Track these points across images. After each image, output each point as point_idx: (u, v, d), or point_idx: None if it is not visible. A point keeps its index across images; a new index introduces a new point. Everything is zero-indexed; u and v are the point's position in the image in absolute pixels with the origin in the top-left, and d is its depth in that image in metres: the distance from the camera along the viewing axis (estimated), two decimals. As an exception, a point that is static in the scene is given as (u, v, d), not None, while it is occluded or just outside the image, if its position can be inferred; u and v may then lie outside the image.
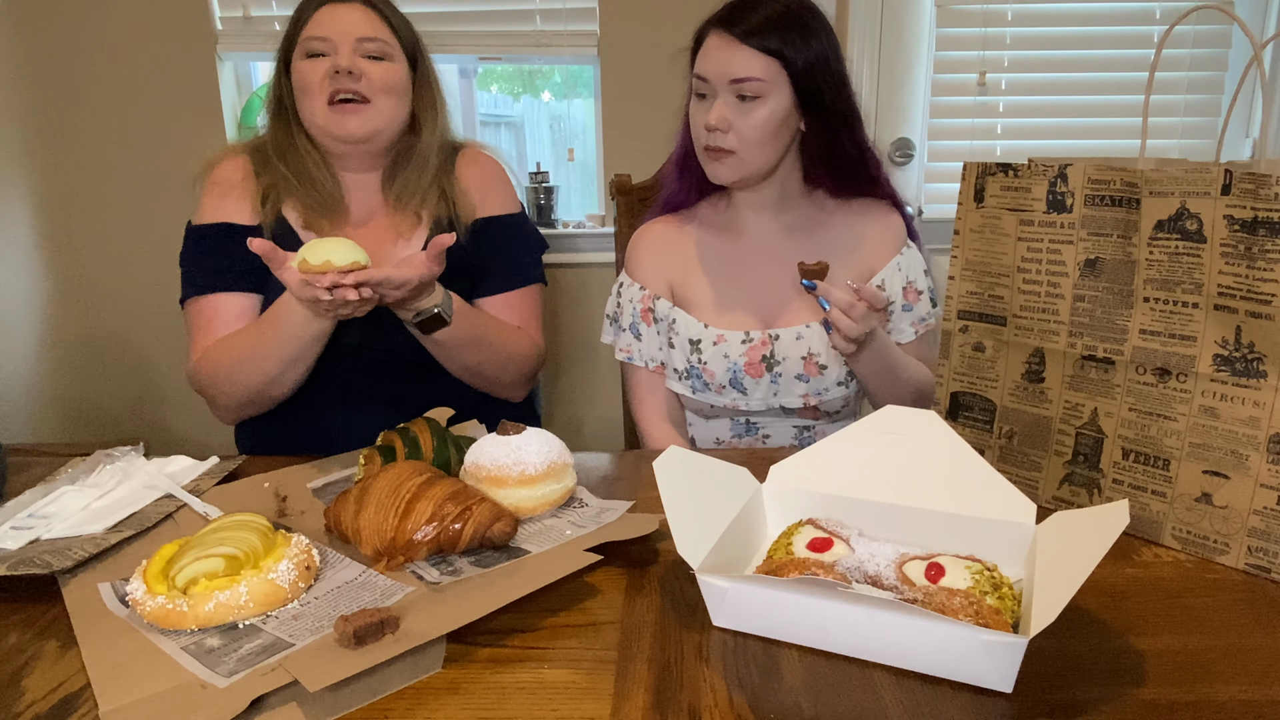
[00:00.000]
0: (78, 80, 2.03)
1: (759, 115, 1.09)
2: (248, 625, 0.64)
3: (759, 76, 1.07)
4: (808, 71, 1.08)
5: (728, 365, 1.16)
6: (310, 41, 1.12)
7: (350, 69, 1.10)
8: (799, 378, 1.15)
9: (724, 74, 1.09)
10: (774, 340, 1.16)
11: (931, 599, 0.60)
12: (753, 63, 1.07)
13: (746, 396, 1.17)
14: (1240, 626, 0.64)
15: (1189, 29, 1.97)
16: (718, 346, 1.16)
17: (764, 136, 1.10)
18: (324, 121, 1.13)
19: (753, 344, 1.16)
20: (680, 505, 0.67)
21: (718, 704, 0.55)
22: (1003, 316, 0.85)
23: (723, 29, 1.09)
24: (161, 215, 2.08)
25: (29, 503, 0.85)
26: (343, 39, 1.11)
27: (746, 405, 1.18)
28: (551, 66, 2.22)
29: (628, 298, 1.24)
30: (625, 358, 1.24)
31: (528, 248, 1.28)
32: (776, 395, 1.16)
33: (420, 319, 1.04)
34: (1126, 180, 0.75)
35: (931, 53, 2.01)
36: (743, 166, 1.12)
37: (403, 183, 1.19)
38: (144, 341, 2.18)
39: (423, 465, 0.79)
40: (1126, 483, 0.79)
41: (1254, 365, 0.70)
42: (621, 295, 1.25)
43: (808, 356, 1.15)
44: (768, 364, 1.15)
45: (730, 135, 1.10)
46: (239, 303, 1.15)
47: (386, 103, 1.14)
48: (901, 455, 0.75)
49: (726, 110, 1.10)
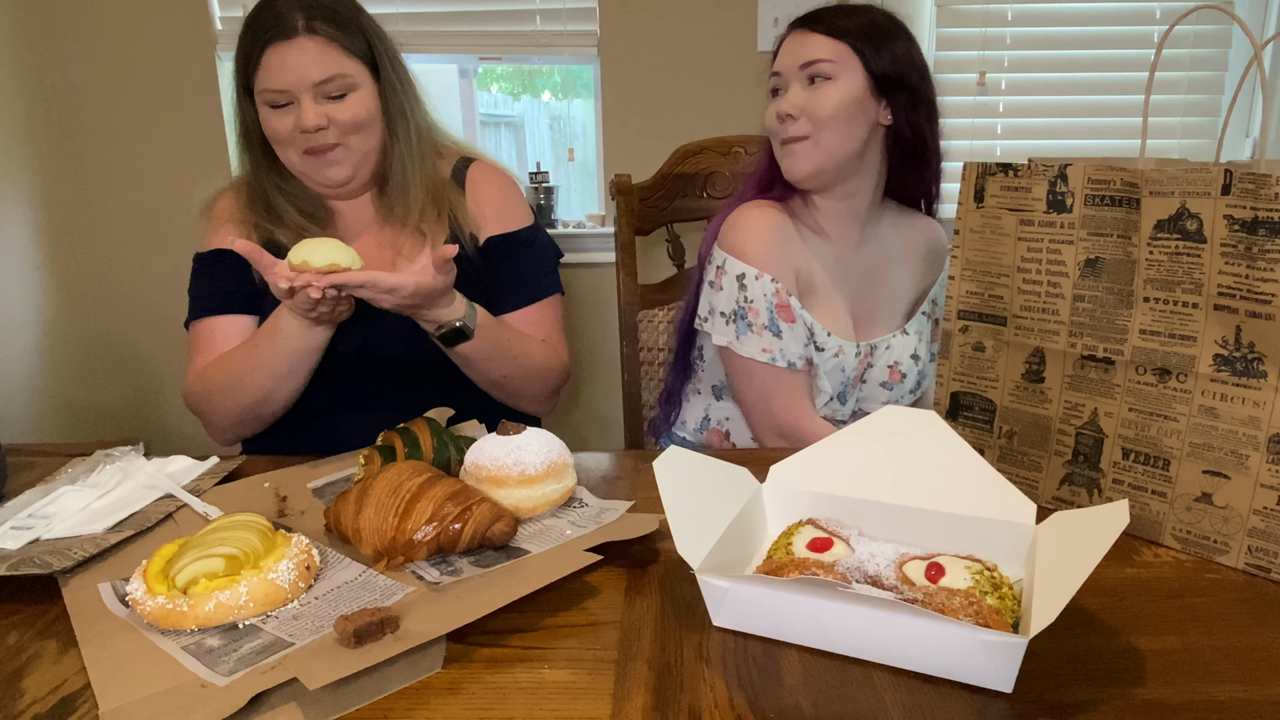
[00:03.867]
0: (78, 80, 2.03)
1: (830, 94, 1.08)
2: (248, 625, 0.64)
3: (828, 57, 1.07)
4: (881, 54, 1.08)
5: (841, 379, 1.13)
6: (268, 94, 1.08)
7: (316, 125, 1.07)
8: (884, 385, 1.15)
9: (794, 62, 1.09)
10: (871, 351, 1.16)
11: (931, 599, 0.60)
12: (822, 46, 1.08)
13: (844, 407, 1.16)
14: (1240, 626, 0.64)
15: (1189, 29, 1.97)
16: (838, 358, 1.12)
17: (836, 117, 1.08)
18: (303, 169, 1.13)
19: (861, 355, 1.15)
20: (680, 505, 0.67)
21: (718, 704, 0.55)
22: (1003, 316, 0.85)
23: (796, 26, 1.12)
24: (162, 215, 2.08)
25: (29, 503, 0.85)
26: (300, 89, 1.07)
27: (842, 417, 1.15)
28: (551, 66, 2.22)
29: (759, 291, 1.11)
30: (769, 359, 1.11)
31: (544, 259, 1.26)
32: (860, 403, 1.16)
33: (441, 331, 1.03)
34: (1126, 180, 0.75)
35: (931, 53, 2.01)
36: (817, 152, 1.09)
37: (390, 197, 1.17)
38: (144, 342, 2.19)
39: (423, 465, 0.79)
40: (1126, 483, 0.79)
41: (1254, 365, 0.70)
42: (748, 288, 1.12)
43: (893, 366, 1.15)
44: (864, 375, 1.15)
45: (802, 120, 1.09)
46: (236, 324, 1.15)
47: (357, 140, 1.12)
48: (901, 455, 0.75)
49: (798, 97, 1.09)
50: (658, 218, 1.54)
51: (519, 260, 1.23)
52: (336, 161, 1.12)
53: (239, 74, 1.12)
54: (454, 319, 1.02)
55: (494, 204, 1.22)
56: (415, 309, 0.98)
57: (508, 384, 1.15)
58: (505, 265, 1.22)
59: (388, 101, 1.15)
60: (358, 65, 1.11)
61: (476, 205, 1.21)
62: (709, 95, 2.02)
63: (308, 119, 1.07)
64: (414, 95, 1.19)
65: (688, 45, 2.00)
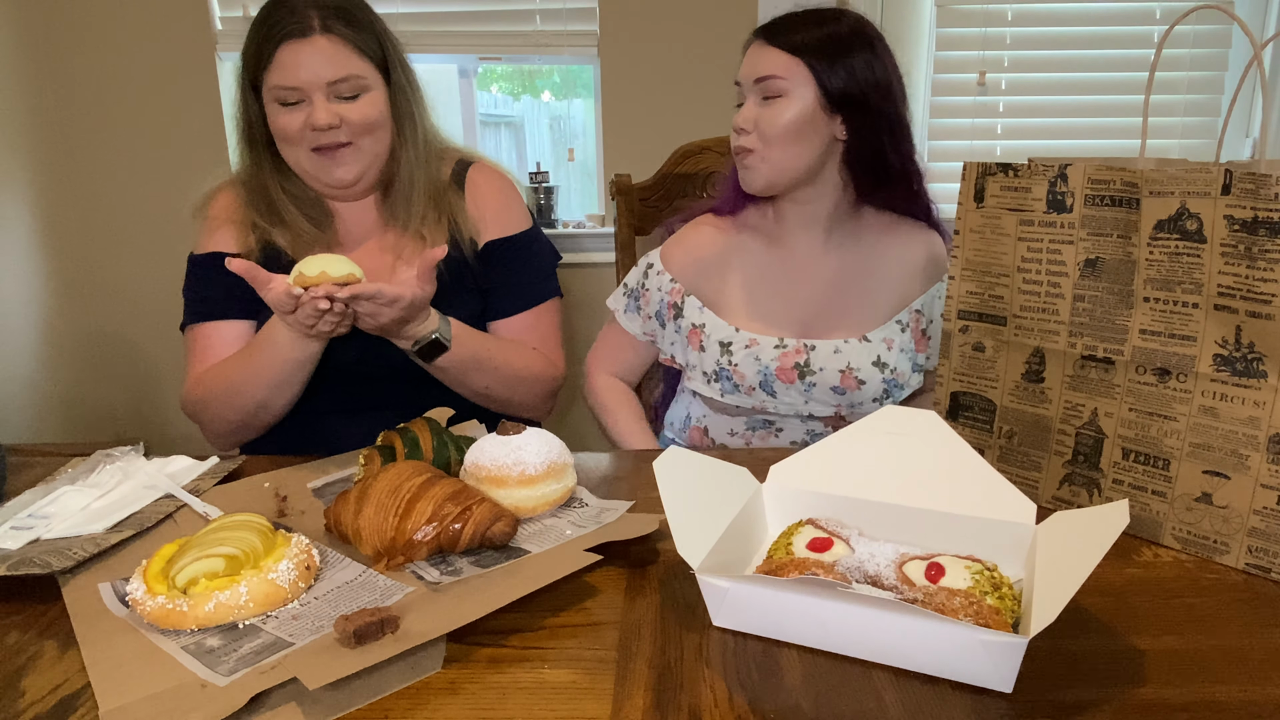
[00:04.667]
0: (78, 80, 2.03)
1: (780, 110, 1.09)
2: (248, 625, 0.64)
3: (779, 74, 1.08)
4: (836, 69, 1.08)
5: (759, 368, 1.15)
6: (279, 91, 1.08)
7: (329, 124, 1.07)
8: (834, 389, 1.15)
9: (750, 75, 1.10)
10: (810, 350, 1.15)
11: (931, 599, 0.60)
12: (776, 61, 1.08)
13: (775, 400, 1.16)
14: (1240, 626, 0.64)
15: (1189, 29, 1.97)
16: (750, 349, 1.16)
17: (785, 135, 1.09)
18: (310, 169, 1.12)
19: (786, 350, 1.15)
20: (680, 505, 0.67)
21: (718, 704, 0.55)
22: (1003, 316, 0.85)
23: (757, 36, 1.12)
24: (161, 215, 2.08)
25: (29, 503, 0.85)
26: (314, 88, 1.06)
27: (775, 409, 1.17)
28: (551, 66, 2.22)
29: (656, 284, 1.24)
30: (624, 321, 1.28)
31: (541, 264, 1.26)
32: (808, 404, 1.16)
33: (418, 346, 1.03)
34: (1126, 180, 0.75)
35: (931, 53, 2.02)
36: (765, 167, 1.12)
37: (394, 202, 1.17)
38: (144, 341, 2.19)
39: (423, 465, 0.79)
40: (1126, 483, 0.79)
41: (1254, 365, 0.70)
42: (650, 278, 1.25)
43: (846, 370, 1.14)
44: (800, 371, 1.14)
45: (753, 135, 1.11)
46: (233, 330, 1.14)
47: (368, 141, 1.11)
48: (901, 455, 0.75)
49: (751, 111, 1.10)
50: (658, 218, 1.54)
51: (517, 265, 1.22)
52: (345, 161, 1.11)
53: (247, 70, 1.11)
54: (429, 331, 1.02)
55: (493, 207, 1.22)
56: (402, 322, 0.99)
57: (492, 394, 1.15)
58: (503, 270, 1.21)
59: (397, 105, 1.15)
60: (370, 67, 1.11)
61: (476, 208, 1.21)
62: (709, 95, 2.02)
63: (320, 117, 1.07)
64: (421, 99, 1.19)
65: (688, 45, 2.00)
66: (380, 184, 1.19)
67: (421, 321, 1.01)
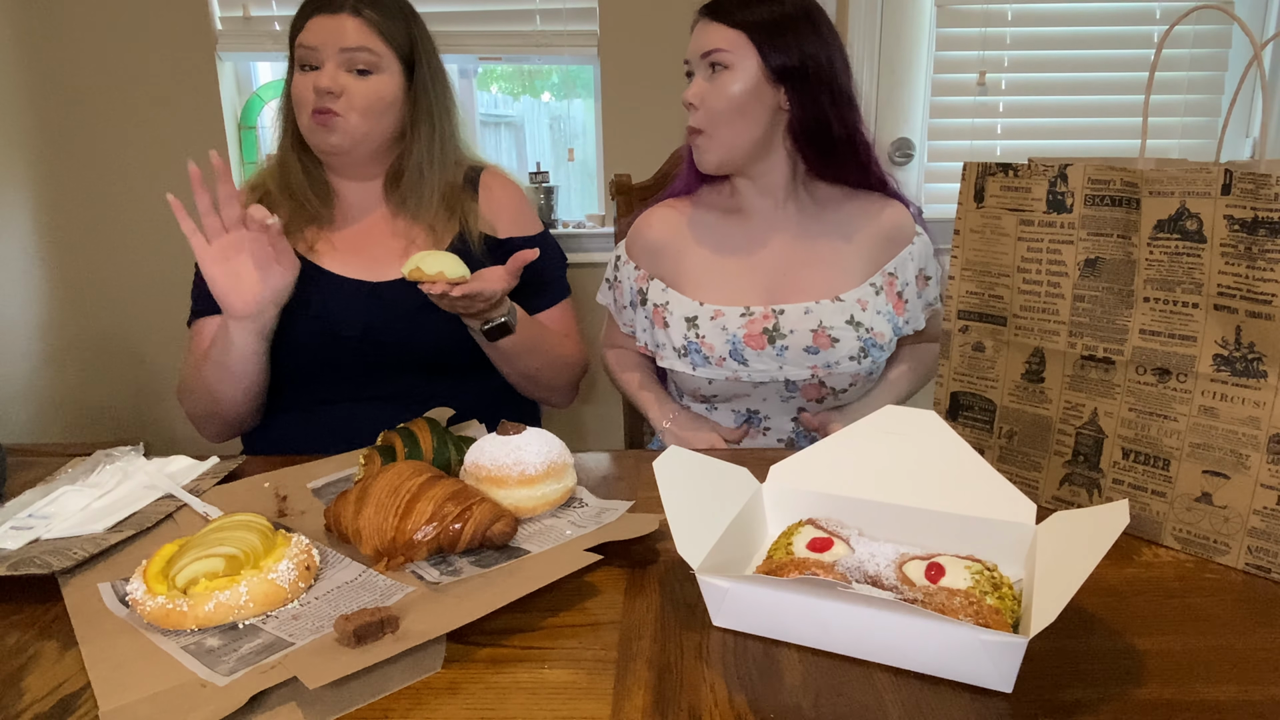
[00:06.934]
0: (78, 80, 2.03)
1: (725, 83, 1.12)
2: (248, 625, 0.64)
3: (725, 47, 1.11)
4: (778, 42, 1.10)
5: (726, 337, 1.16)
6: (302, 51, 1.14)
7: (330, 88, 1.12)
8: (808, 350, 1.15)
9: (698, 50, 1.14)
10: (778, 315, 1.16)
11: (931, 599, 0.60)
12: (721, 35, 1.12)
13: (748, 367, 1.17)
14: (1240, 626, 0.64)
15: (1189, 29, 1.97)
16: (715, 320, 1.17)
17: (730, 109, 1.12)
18: (306, 131, 1.17)
19: (753, 317, 1.16)
20: (680, 505, 0.67)
21: (718, 704, 0.55)
22: (1003, 316, 0.85)
23: (702, 15, 1.16)
24: (162, 215, 2.08)
25: (29, 503, 0.85)
26: (328, 50, 1.12)
27: (749, 376, 1.17)
28: (551, 66, 2.22)
29: (625, 274, 1.29)
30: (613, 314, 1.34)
31: (556, 264, 1.32)
32: (782, 368, 1.16)
33: (488, 327, 1.09)
34: (1126, 180, 0.75)
35: (931, 53, 2.01)
36: (714, 144, 1.15)
37: (403, 192, 1.21)
38: (144, 341, 2.19)
39: (423, 465, 0.79)
40: (1126, 483, 0.79)
41: (1254, 365, 0.70)
42: (619, 269, 1.30)
43: (818, 329, 1.14)
44: (770, 336, 1.15)
45: (701, 114, 1.14)
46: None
47: (358, 120, 1.14)
48: (901, 455, 0.75)
49: (699, 86, 1.14)
50: (658, 218, 1.54)
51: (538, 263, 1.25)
52: (336, 130, 1.15)
53: (291, 43, 1.18)
54: (500, 315, 1.09)
55: (509, 210, 1.27)
56: (485, 311, 1.06)
57: (540, 376, 1.21)
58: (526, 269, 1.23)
59: (416, 101, 1.19)
60: (389, 51, 1.15)
61: (491, 209, 1.25)
62: (709, 95, 2.01)
63: (323, 79, 1.12)
64: (445, 104, 1.23)
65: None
66: (386, 171, 1.23)
67: (497, 309, 1.08)
